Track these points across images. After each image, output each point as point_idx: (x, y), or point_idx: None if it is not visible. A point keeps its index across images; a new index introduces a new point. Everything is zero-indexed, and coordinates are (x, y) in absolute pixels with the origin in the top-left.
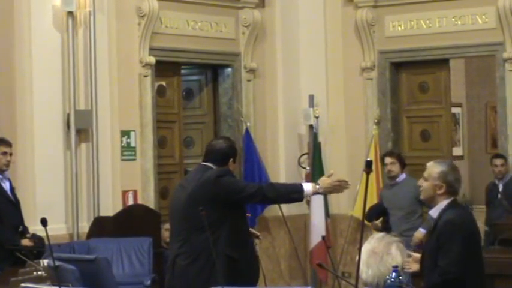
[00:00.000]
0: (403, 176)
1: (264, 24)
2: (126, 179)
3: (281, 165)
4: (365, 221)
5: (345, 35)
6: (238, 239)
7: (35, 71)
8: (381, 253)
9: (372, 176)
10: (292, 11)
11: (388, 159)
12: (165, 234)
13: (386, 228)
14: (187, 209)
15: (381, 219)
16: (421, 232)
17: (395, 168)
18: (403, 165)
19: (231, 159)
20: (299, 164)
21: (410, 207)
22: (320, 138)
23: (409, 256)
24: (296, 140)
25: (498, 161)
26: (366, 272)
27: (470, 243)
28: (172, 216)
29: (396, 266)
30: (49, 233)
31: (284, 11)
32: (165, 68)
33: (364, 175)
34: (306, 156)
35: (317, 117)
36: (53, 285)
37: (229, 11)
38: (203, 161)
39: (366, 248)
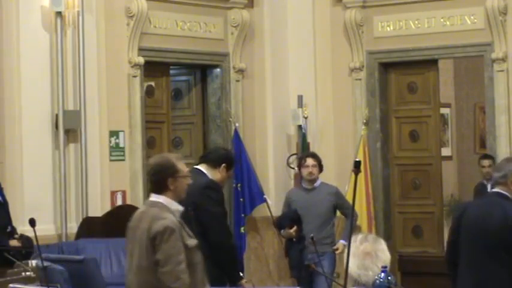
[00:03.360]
0: (319, 181)
1: (253, 25)
2: (114, 180)
3: (270, 165)
4: (275, 229)
5: (334, 36)
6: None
7: (24, 71)
8: (373, 251)
9: (361, 176)
10: (281, 12)
11: (310, 161)
12: None
13: (300, 236)
14: None
15: (294, 227)
16: (343, 244)
17: (316, 171)
18: (321, 168)
19: (224, 165)
20: (288, 164)
21: (327, 215)
22: (309, 139)
23: None
24: (285, 140)
25: (486, 162)
26: (366, 274)
27: None
28: None
29: (385, 266)
30: (37, 234)
31: (273, 12)
32: (153, 68)
33: (353, 175)
34: (294, 156)
35: (306, 118)
36: (42, 285)
37: (217, 11)
38: (198, 163)
39: (353, 251)
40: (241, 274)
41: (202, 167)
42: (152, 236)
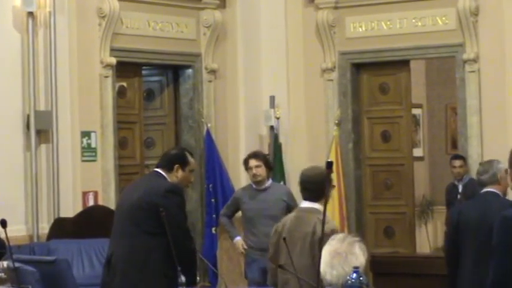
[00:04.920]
0: (270, 181)
1: (225, 25)
2: (86, 180)
3: (242, 166)
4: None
5: (306, 36)
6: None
7: None
8: (344, 253)
9: (333, 176)
10: (253, 12)
11: (252, 162)
12: None
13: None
14: (132, 212)
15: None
16: None
17: (262, 171)
18: (269, 168)
19: (177, 166)
20: None
21: (280, 217)
22: (281, 139)
23: None
24: (257, 141)
25: (457, 162)
26: (330, 272)
27: None
28: (118, 217)
29: (357, 267)
30: (8, 235)
31: (245, 12)
32: (125, 68)
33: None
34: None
35: (278, 118)
36: (13, 287)
37: (190, 11)
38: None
39: (328, 249)
40: (197, 278)
41: (161, 171)
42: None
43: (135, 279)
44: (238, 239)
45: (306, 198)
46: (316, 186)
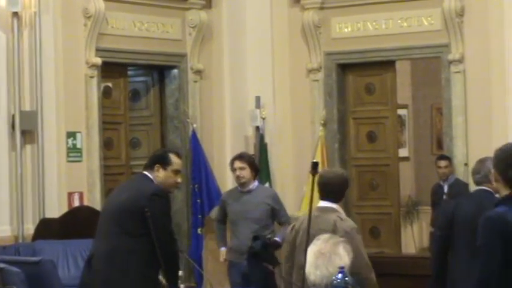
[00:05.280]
0: (255, 183)
1: (211, 26)
2: (72, 181)
3: (227, 166)
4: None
5: (292, 37)
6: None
7: None
8: (328, 253)
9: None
10: (239, 13)
11: (237, 164)
12: None
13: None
14: (117, 214)
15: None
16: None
17: (246, 173)
18: (255, 170)
19: (158, 165)
20: None
21: (264, 220)
22: (266, 140)
23: None
24: (242, 141)
25: (442, 163)
26: (314, 273)
27: None
28: (103, 218)
29: (343, 267)
30: None
31: (231, 13)
32: (111, 69)
33: (311, 176)
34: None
35: (264, 119)
36: None
37: (175, 12)
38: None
39: (312, 249)
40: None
41: (147, 173)
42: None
43: (116, 281)
44: (222, 250)
45: (324, 199)
46: (334, 187)
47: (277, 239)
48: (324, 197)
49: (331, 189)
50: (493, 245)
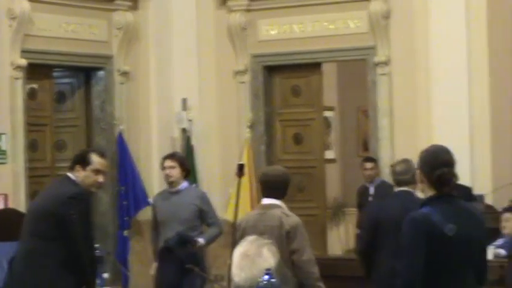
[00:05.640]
0: (185, 184)
1: (137, 27)
2: None
3: (154, 168)
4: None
5: (218, 39)
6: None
7: None
8: (252, 255)
9: (245, 179)
10: (165, 14)
11: (167, 162)
12: None
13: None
14: (34, 217)
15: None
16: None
17: (175, 172)
18: (185, 171)
19: (78, 165)
20: None
21: (193, 222)
22: (193, 142)
23: None
24: (169, 143)
25: (368, 165)
26: (239, 275)
27: None
28: (24, 220)
29: (269, 269)
30: None
31: (157, 14)
32: (36, 70)
33: (237, 178)
34: None
35: (190, 121)
36: None
37: (102, 13)
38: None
39: (238, 251)
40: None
41: (70, 174)
42: (287, 230)
43: (31, 284)
44: (154, 265)
45: (268, 196)
46: (278, 185)
47: (200, 239)
48: (267, 194)
49: (275, 186)
50: (417, 245)
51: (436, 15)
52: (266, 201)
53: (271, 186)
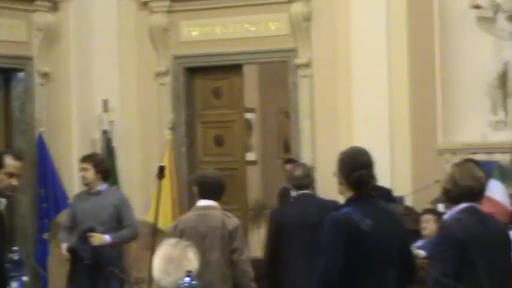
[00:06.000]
0: (104, 185)
1: (58, 28)
2: None
3: (74, 170)
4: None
5: (140, 40)
6: None
7: None
8: (178, 259)
9: (166, 181)
10: (86, 16)
11: (80, 165)
12: None
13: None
14: None
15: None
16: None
17: (89, 174)
18: (101, 172)
19: None
20: None
21: (112, 223)
22: (114, 143)
23: None
24: (90, 145)
25: (289, 166)
26: (165, 279)
27: None
28: None
29: (190, 271)
30: None
31: (78, 15)
32: None
33: (158, 180)
34: None
35: (111, 122)
36: None
37: (21, 14)
38: None
39: (160, 255)
40: None
41: None
42: (229, 231)
43: None
44: (64, 245)
45: (206, 198)
46: (217, 187)
47: (106, 236)
48: (205, 196)
49: (213, 188)
50: (336, 244)
51: (356, 18)
52: (203, 202)
53: (210, 188)
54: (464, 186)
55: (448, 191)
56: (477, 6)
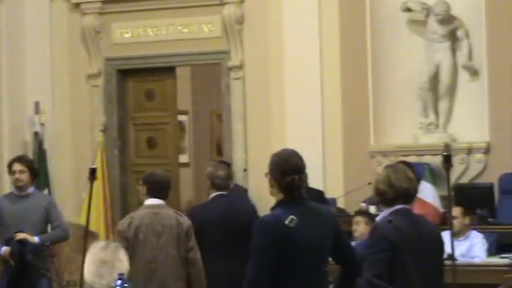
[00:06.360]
0: (32, 188)
1: None
2: None
3: (4, 172)
4: None
5: (72, 42)
6: None
7: None
8: (111, 261)
9: (98, 183)
10: (18, 17)
11: (16, 166)
12: None
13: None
14: None
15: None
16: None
17: (25, 177)
18: (34, 175)
19: None
20: None
21: (42, 226)
22: (45, 145)
23: None
24: (21, 147)
25: None
26: (99, 282)
27: None
28: None
29: (122, 274)
30: None
31: (10, 17)
32: None
33: (89, 183)
34: None
35: (43, 124)
36: None
37: None
38: None
39: (91, 258)
40: None
41: None
42: (186, 229)
43: None
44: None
45: (155, 196)
46: (165, 186)
47: (35, 237)
48: (154, 195)
49: (162, 187)
50: (265, 247)
51: (289, 20)
52: (153, 201)
53: (159, 187)
54: (400, 188)
55: (384, 193)
56: (408, 9)
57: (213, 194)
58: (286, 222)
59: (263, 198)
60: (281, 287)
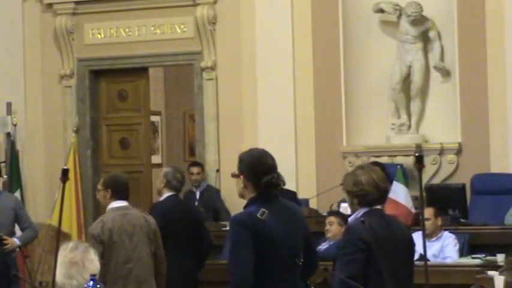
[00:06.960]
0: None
1: None
2: None
3: None
4: None
5: (44, 42)
6: None
7: None
8: (81, 262)
9: (70, 184)
10: None
11: None
12: None
13: None
14: None
15: None
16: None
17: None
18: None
19: None
20: None
21: (10, 226)
22: (18, 146)
23: None
24: None
25: (194, 169)
26: (70, 283)
27: None
28: None
29: (94, 274)
30: None
31: None
32: None
33: (61, 183)
34: (3, 164)
35: (15, 125)
36: None
37: None
38: None
39: (61, 260)
40: None
41: None
42: (154, 228)
43: None
44: None
45: (120, 198)
46: (127, 186)
47: (16, 240)
48: (119, 197)
49: (126, 188)
50: (245, 240)
51: (261, 21)
52: (120, 203)
53: (123, 188)
54: (383, 189)
55: (368, 194)
56: (380, 10)
57: (167, 194)
58: (258, 215)
59: (236, 198)
60: (258, 282)
